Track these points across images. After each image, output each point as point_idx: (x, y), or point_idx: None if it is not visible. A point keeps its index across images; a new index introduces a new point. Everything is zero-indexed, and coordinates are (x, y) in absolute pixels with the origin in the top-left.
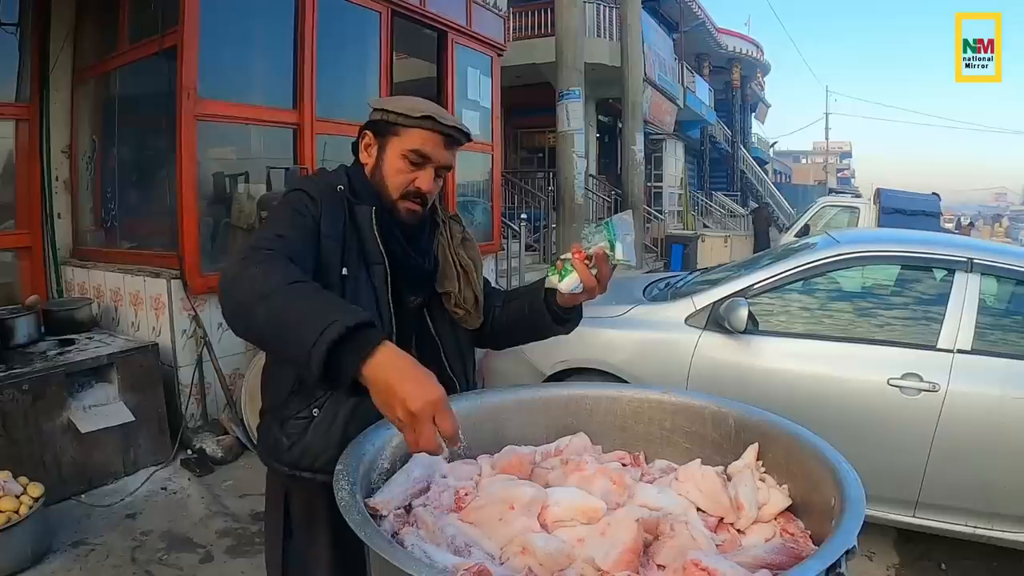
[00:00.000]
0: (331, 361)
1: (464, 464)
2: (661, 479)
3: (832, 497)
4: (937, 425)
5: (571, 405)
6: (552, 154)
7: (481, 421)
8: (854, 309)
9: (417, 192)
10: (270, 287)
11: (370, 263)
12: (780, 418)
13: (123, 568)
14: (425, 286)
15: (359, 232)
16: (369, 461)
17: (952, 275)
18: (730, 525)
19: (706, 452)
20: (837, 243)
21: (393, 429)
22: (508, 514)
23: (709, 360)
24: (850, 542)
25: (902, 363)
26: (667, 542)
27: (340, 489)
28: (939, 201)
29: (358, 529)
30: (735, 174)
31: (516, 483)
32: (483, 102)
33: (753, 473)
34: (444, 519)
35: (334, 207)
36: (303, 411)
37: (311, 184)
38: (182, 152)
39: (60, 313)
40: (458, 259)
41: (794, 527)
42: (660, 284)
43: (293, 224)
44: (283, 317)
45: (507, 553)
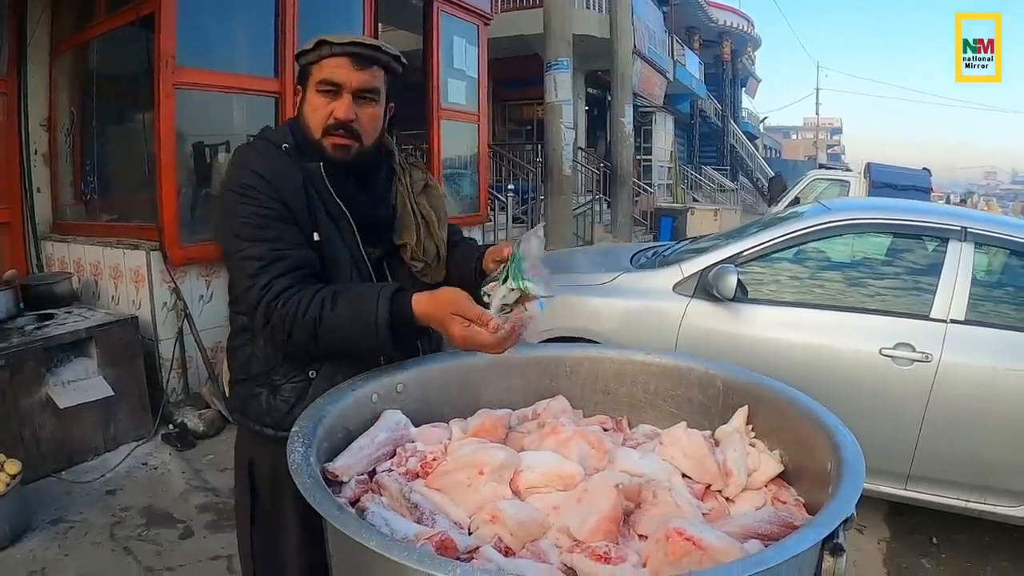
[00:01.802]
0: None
1: (433, 428)
2: (645, 444)
3: (828, 462)
4: (930, 396)
5: (550, 367)
6: (540, 127)
7: (454, 384)
8: (845, 278)
9: (337, 123)
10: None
11: (336, 219)
12: (771, 380)
13: (102, 545)
14: (383, 238)
15: (317, 190)
16: (330, 424)
17: (945, 244)
18: (718, 493)
19: (692, 416)
20: (828, 211)
21: (360, 390)
22: (477, 480)
23: (697, 328)
24: (848, 510)
25: (894, 333)
26: (649, 510)
27: (293, 452)
28: (929, 176)
29: (308, 494)
30: (725, 148)
31: (487, 447)
32: (469, 71)
33: (742, 437)
34: (409, 486)
35: (287, 175)
36: (298, 375)
37: (259, 162)
38: (161, 121)
39: (39, 288)
40: (418, 208)
41: (786, 495)
42: (648, 253)
43: (263, 227)
44: (341, 343)
45: (476, 522)
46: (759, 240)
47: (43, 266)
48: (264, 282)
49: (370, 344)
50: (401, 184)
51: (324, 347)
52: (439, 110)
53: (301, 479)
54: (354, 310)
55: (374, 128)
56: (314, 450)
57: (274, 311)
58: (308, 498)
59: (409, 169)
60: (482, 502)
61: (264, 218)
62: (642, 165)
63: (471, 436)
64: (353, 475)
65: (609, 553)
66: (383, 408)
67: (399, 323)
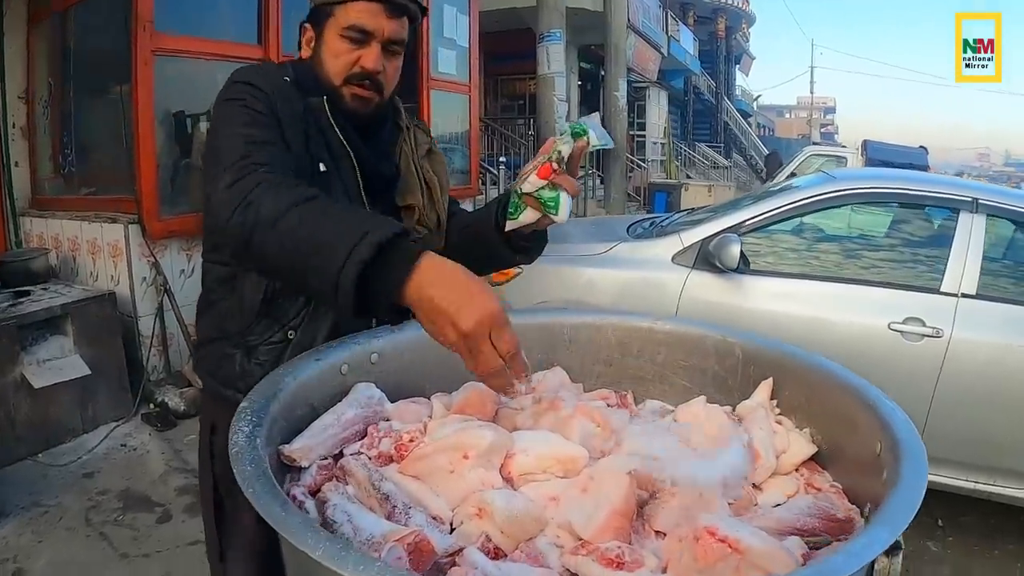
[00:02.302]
0: (363, 286)
1: (411, 404)
2: (655, 423)
3: (876, 443)
4: (940, 373)
5: (546, 335)
6: (532, 101)
7: (436, 354)
8: (853, 249)
9: (363, 73)
10: (278, 210)
11: (337, 158)
12: (798, 349)
13: (76, 531)
14: (385, 196)
15: (319, 125)
16: (289, 399)
17: (956, 215)
18: (743, 478)
19: (707, 390)
20: (834, 180)
21: (326, 359)
22: (461, 465)
23: (698, 300)
24: (917, 502)
25: (904, 307)
26: (667, 501)
27: (237, 431)
28: (926, 155)
29: (246, 484)
30: (719, 126)
31: (472, 426)
32: (460, 41)
33: (768, 414)
34: (379, 472)
35: (287, 98)
36: (276, 334)
37: (255, 74)
38: (139, 89)
39: (14, 264)
40: (422, 172)
41: (820, 480)
42: (645, 223)
43: (256, 122)
44: (300, 243)
45: (459, 516)
46: (762, 209)
47: (22, 243)
48: (250, 150)
49: (326, 278)
50: (406, 144)
51: (276, 243)
52: (429, 80)
53: (240, 466)
54: (339, 220)
55: (396, 80)
56: (264, 430)
57: (251, 171)
58: (245, 490)
59: (414, 129)
60: (467, 492)
61: (258, 115)
62: (636, 141)
63: (455, 413)
64: (314, 459)
65: (622, 556)
66: (354, 381)
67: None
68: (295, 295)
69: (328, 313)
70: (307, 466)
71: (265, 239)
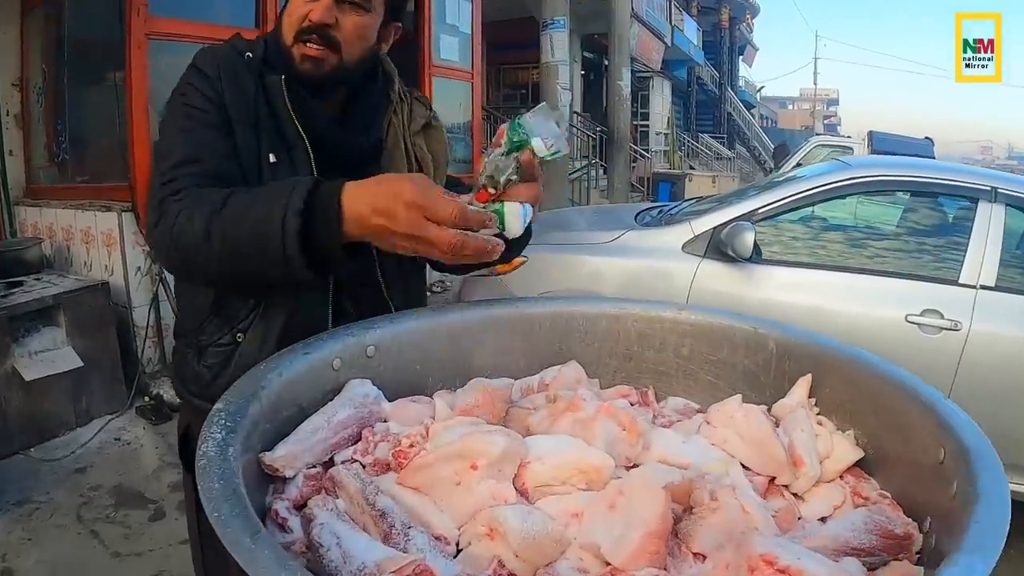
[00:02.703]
0: (310, 248)
1: (411, 403)
2: (680, 423)
3: (938, 448)
4: (958, 368)
5: (559, 325)
6: (535, 91)
7: (440, 346)
8: (868, 238)
9: (310, 27)
10: (200, 232)
11: (290, 146)
12: (838, 341)
13: (67, 528)
14: (362, 173)
15: (273, 108)
16: (273, 399)
17: (975, 204)
18: (784, 488)
19: (737, 387)
20: (849, 167)
21: (316, 353)
22: (469, 476)
23: (709, 291)
24: (1004, 522)
25: (921, 298)
26: (706, 517)
27: (207, 439)
28: (932, 146)
29: (210, 506)
30: (722, 117)
31: (482, 430)
32: (462, 27)
33: (809, 415)
34: (375, 484)
35: (239, 80)
36: (225, 336)
37: (208, 58)
38: (133, 74)
39: (7, 254)
40: (413, 148)
41: (867, 489)
42: (653, 211)
43: (188, 128)
44: (234, 247)
45: (467, 536)
46: (776, 197)
47: (16, 232)
48: (170, 177)
49: (273, 251)
50: (396, 116)
51: (215, 252)
52: (431, 67)
53: (206, 482)
54: (264, 194)
55: (361, 41)
56: (240, 436)
57: (169, 204)
58: (210, 513)
59: (411, 102)
60: (476, 507)
61: (191, 119)
62: (639, 131)
63: (460, 414)
64: (301, 468)
65: None
66: (347, 377)
67: (318, 221)
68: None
69: (279, 314)
70: (292, 476)
71: (203, 263)
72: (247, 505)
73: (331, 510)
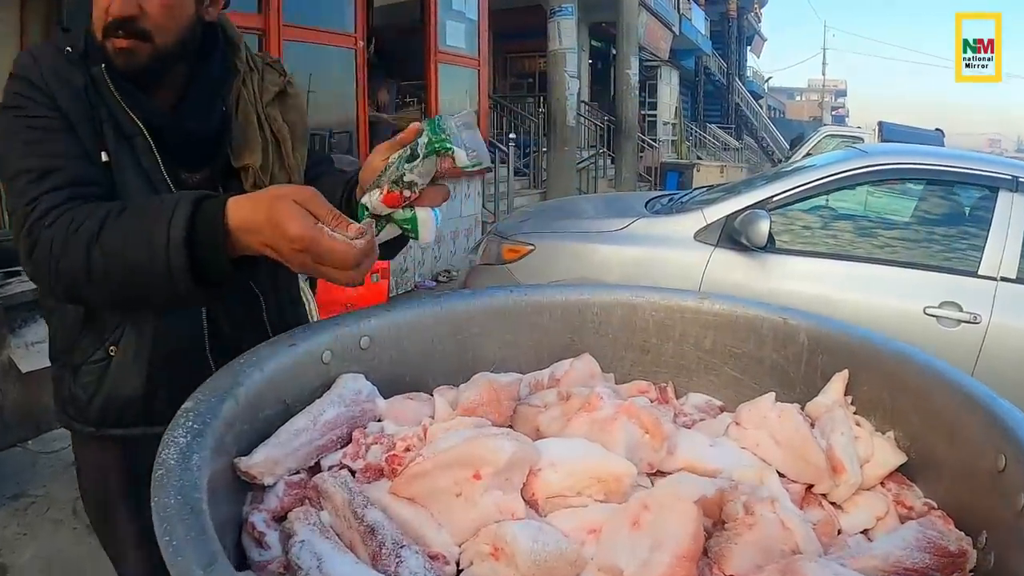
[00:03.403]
0: (199, 268)
1: (408, 401)
2: (704, 422)
3: (997, 455)
4: (977, 362)
5: (572, 315)
6: (542, 79)
7: (441, 338)
8: (886, 229)
9: (113, 23)
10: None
11: (129, 137)
12: (875, 334)
13: (63, 522)
14: (209, 157)
15: (105, 101)
16: (253, 396)
17: (995, 194)
18: (822, 497)
19: (763, 382)
20: (865, 155)
21: (303, 345)
22: (471, 487)
23: (722, 281)
24: None
25: (940, 290)
26: (741, 534)
27: (168, 444)
28: (942, 137)
29: (162, 528)
30: (730, 107)
31: (486, 434)
32: (469, 14)
33: (848, 415)
34: (364, 494)
35: (68, 80)
36: (97, 352)
37: (28, 63)
38: None
39: (4, 244)
40: (269, 122)
41: (911, 497)
42: (664, 200)
43: (33, 140)
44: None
45: (468, 555)
46: (791, 184)
47: None
48: (32, 196)
49: (158, 272)
50: (245, 87)
51: (100, 282)
52: (437, 54)
53: (161, 498)
54: (142, 218)
55: (173, 20)
56: (210, 440)
57: (40, 231)
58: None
59: (262, 69)
60: (479, 522)
61: (35, 130)
62: (646, 120)
63: (462, 414)
64: (282, 475)
65: None
66: (339, 372)
67: (204, 237)
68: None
69: (149, 321)
70: (272, 484)
71: (88, 294)
72: (206, 526)
73: (314, 524)
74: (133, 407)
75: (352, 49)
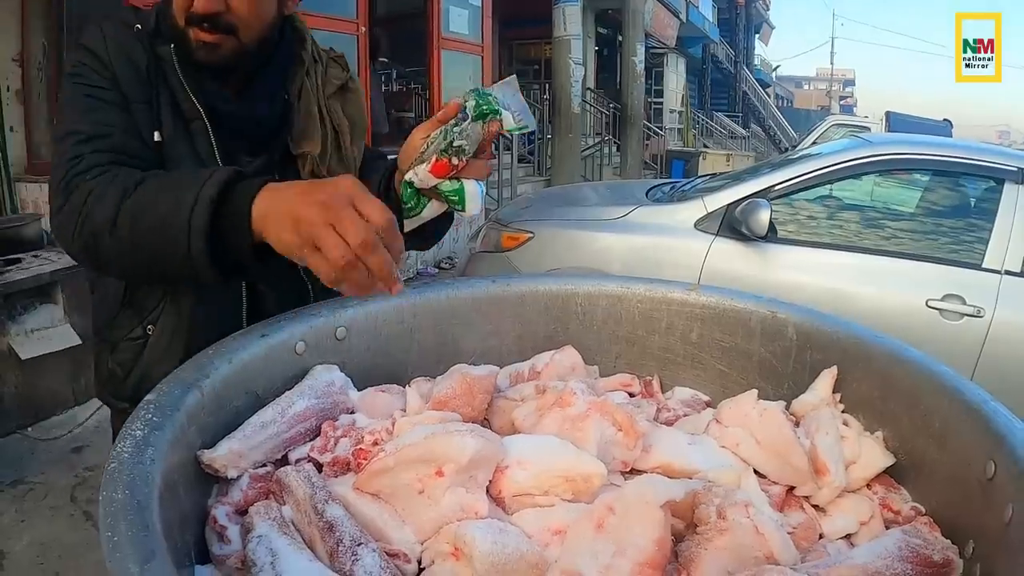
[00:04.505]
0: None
1: (380, 393)
2: (687, 418)
3: (986, 461)
4: (979, 357)
5: (555, 305)
6: (547, 66)
7: (421, 328)
8: (889, 219)
9: (197, 16)
10: (108, 217)
11: (188, 120)
12: (869, 330)
13: (60, 508)
14: (271, 143)
15: (167, 81)
16: (221, 387)
17: (1000, 186)
18: (803, 499)
19: (750, 378)
20: (869, 144)
21: (275, 335)
22: (433, 483)
23: (722, 270)
24: None
25: (943, 283)
26: (713, 540)
27: (125, 437)
28: (951, 128)
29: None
30: (737, 95)
31: (449, 430)
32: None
33: (835, 414)
34: (327, 489)
35: (131, 57)
36: (135, 329)
37: (96, 37)
38: None
39: (5, 231)
40: (329, 114)
41: (898, 501)
42: (665, 187)
43: (88, 108)
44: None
45: (430, 553)
46: (793, 173)
47: (17, 209)
48: (78, 153)
49: (176, 240)
50: (309, 79)
51: (122, 238)
52: (440, 39)
53: (109, 491)
54: (181, 178)
55: (259, 19)
56: (168, 433)
57: (80, 182)
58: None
59: (326, 62)
60: (441, 520)
61: (91, 99)
62: (653, 108)
63: (433, 407)
64: (246, 467)
65: None
66: (314, 363)
67: (230, 213)
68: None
69: (186, 298)
70: (236, 476)
71: (106, 250)
72: (151, 523)
73: (273, 520)
74: None
75: (354, 35)
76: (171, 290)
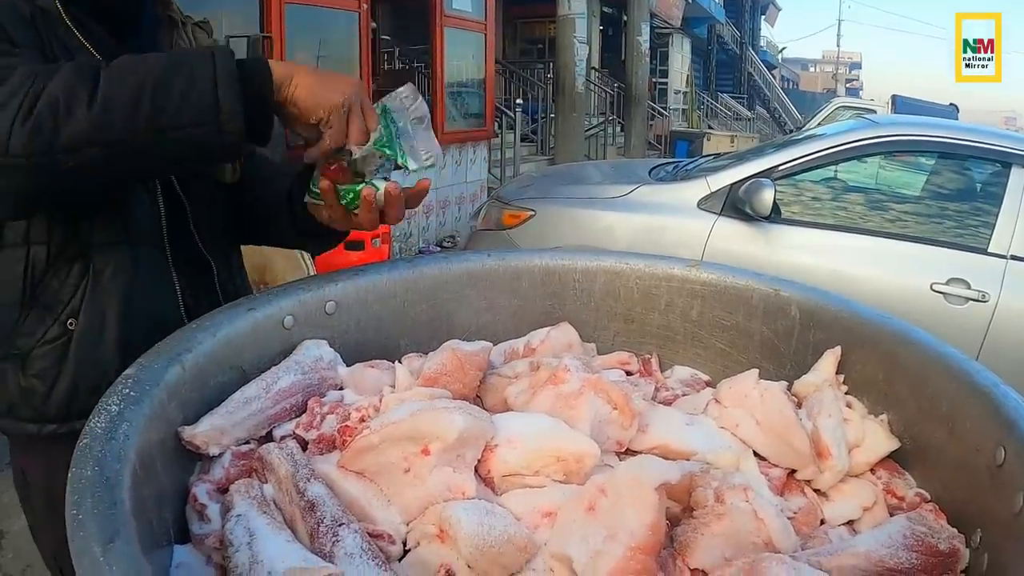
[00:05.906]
0: None
1: (369, 369)
2: (686, 398)
3: (996, 447)
4: (984, 342)
5: (552, 281)
6: (551, 45)
7: (414, 303)
8: (894, 202)
9: None
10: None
11: None
12: (873, 310)
13: None
14: None
15: (54, 31)
16: (205, 362)
17: (1007, 170)
18: (805, 483)
19: (751, 357)
20: (875, 125)
21: (262, 309)
22: (420, 462)
23: (725, 250)
24: None
25: (947, 267)
26: (710, 525)
27: (99, 412)
28: (957, 112)
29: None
30: (743, 77)
31: (437, 407)
32: None
33: (838, 396)
34: (310, 467)
35: (13, 11)
36: (51, 329)
37: None
38: None
39: None
40: None
41: (903, 487)
42: (668, 167)
43: None
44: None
45: (415, 534)
46: (798, 154)
47: None
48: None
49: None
50: (182, 42)
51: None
52: (443, 17)
53: (79, 468)
54: (174, 59)
55: None
56: (146, 409)
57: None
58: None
59: (191, 27)
60: (427, 500)
61: None
62: (657, 88)
63: (423, 384)
64: (229, 444)
65: None
66: (302, 338)
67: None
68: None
69: (113, 282)
70: (217, 453)
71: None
72: (119, 500)
73: (254, 498)
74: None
75: (355, 12)
76: (89, 273)
